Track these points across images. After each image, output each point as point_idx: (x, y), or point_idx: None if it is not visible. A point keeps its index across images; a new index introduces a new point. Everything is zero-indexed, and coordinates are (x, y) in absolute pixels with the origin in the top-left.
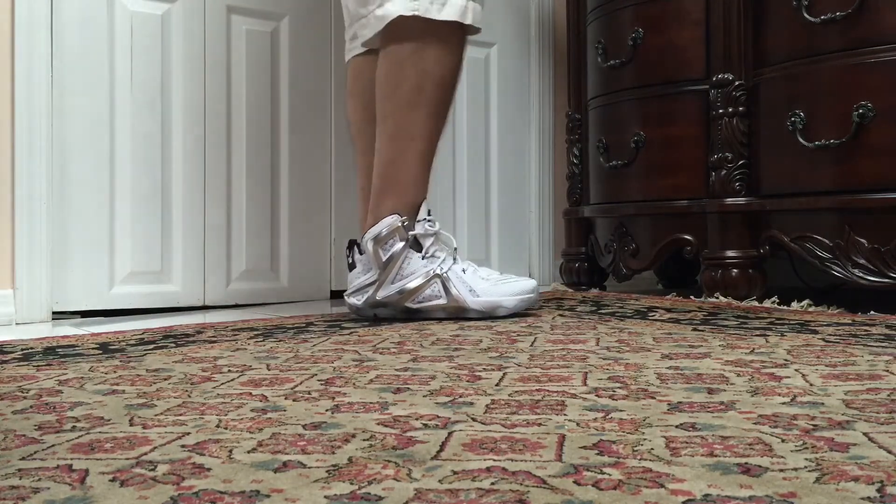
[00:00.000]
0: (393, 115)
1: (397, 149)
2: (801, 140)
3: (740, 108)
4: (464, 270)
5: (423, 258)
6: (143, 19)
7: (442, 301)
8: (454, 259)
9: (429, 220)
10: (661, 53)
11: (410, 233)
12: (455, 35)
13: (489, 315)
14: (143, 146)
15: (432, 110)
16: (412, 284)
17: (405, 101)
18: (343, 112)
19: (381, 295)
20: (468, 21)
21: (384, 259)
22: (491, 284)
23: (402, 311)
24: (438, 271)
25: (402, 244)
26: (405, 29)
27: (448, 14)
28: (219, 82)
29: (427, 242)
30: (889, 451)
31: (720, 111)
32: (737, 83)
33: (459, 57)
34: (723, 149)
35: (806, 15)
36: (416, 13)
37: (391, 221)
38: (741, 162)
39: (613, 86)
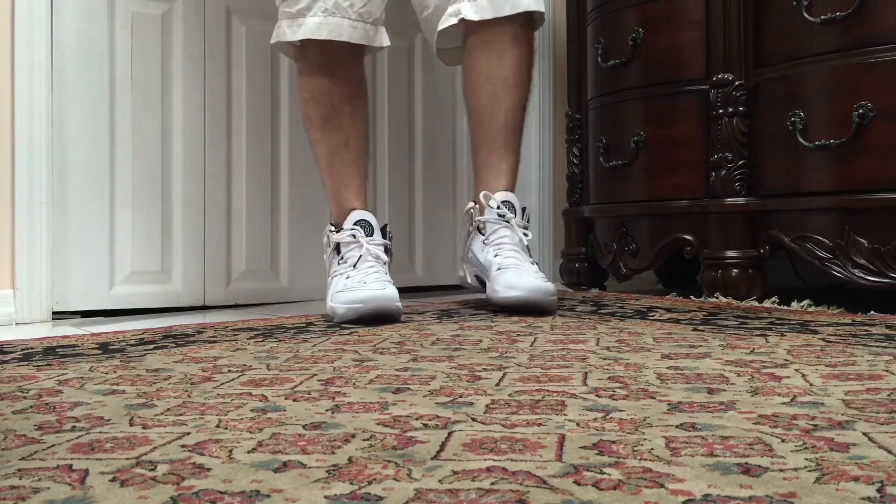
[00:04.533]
0: None
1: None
2: (801, 140)
3: (740, 108)
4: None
5: (338, 263)
6: (143, 19)
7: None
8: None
9: (351, 231)
10: (661, 53)
11: (333, 238)
12: (311, 53)
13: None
14: (143, 146)
15: (311, 128)
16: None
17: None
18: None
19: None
20: (323, 37)
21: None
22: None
23: None
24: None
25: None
26: (291, 55)
27: (302, 34)
28: (219, 82)
29: (346, 249)
30: (889, 451)
31: (720, 111)
32: (737, 83)
33: (312, 74)
34: (723, 149)
35: (806, 15)
36: (276, 40)
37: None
38: (741, 162)
39: (613, 86)
